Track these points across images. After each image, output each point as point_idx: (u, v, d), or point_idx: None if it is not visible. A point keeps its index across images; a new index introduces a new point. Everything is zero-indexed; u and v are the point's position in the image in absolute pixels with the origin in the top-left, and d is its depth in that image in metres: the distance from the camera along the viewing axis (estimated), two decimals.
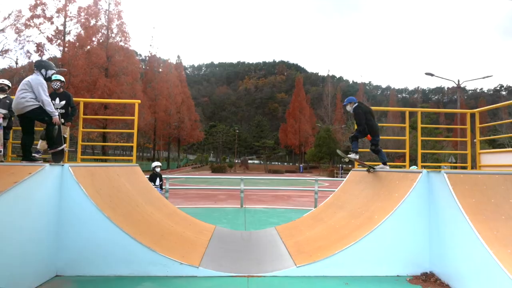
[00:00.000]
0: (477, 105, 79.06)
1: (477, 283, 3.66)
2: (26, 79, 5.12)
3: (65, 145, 6.02)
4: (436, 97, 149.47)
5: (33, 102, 4.98)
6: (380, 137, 6.50)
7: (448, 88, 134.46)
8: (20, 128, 5.24)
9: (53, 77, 6.17)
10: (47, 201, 4.27)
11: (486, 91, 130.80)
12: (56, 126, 5.28)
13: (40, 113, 5.06)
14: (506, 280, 3.20)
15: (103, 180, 5.31)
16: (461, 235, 3.97)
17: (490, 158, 7.17)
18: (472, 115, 7.79)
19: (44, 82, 5.14)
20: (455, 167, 21.30)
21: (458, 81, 27.32)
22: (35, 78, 5.07)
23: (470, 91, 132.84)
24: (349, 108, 6.59)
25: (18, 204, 3.75)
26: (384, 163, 6.46)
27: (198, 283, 4.24)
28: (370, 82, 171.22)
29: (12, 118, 6.31)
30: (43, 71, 5.20)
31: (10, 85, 6.23)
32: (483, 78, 26.75)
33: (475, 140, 7.64)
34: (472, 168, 8.32)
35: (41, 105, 5.02)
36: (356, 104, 6.50)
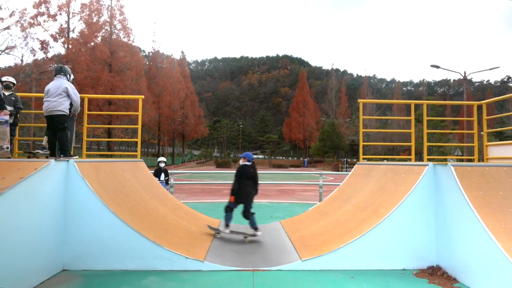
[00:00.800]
0: (484, 97, 78.32)
1: (485, 276, 3.63)
2: (62, 84, 5.41)
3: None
4: (442, 90, 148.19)
5: (65, 108, 5.35)
6: (385, 130, 6.32)
7: (454, 80, 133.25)
8: (27, 125, 5.35)
9: None
10: (53, 196, 4.29)
11: (493, 83, 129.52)
12: (68, 132, 5.54)
13: (65, 120, 5.37)
14: None
15: (108, 175, 5.32)
16: (468, 228, 3.93)
17: (497, 151, 7.08)
18: (479, 107, 7.68)
19: None
20: (462, 160, 21.16)
21: (465, 73, 27.02)
22: (71, 85, 5.53)
23: (477, 83, 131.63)
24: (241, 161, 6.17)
25: (24, 199, 3.77)
26: (256, 229, 5.92)
27: (203, 277, 4.25)
28: (374, 75, 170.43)
29: (18, 115, 6.33)
30: (68, 76, 5.64)
31: (15, 82, 6.26)
32: (490, 69, 26.42)
33: (482, 133, 7.55)
34: (479, 160, 8.23)
35: (74, 109, 5.55)
36: (242, 164, 6.10)
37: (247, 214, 5.97)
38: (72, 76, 5.78)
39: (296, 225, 6.49)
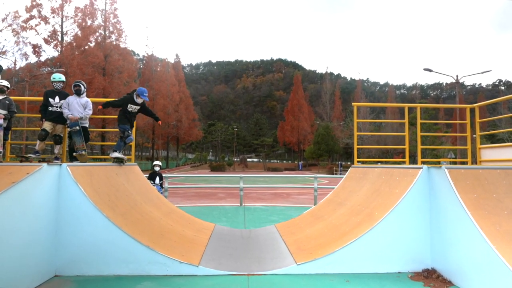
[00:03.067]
0: (476, 100, 79.22)
1: (480, 279, 3.64)
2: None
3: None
4: (434, 93, 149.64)
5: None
6: (380, 133, 6.41)
7: (446, 83, 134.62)
8: (20, 129, 5.37)
9: (58, 78, 6.40)
10: (45, 200, 4.23)
11: (484, 86, 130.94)
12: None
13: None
14: (509, 276, 3.17)
15: (102, 179, 5.26)
16: (463, 231, 3.94)
17: (490, 153, 7.14)
18: (472, 110, 7.76)
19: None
20: (455, 163, 21.31)
21: (457, 76, 27.33)
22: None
23: (469, 87, 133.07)
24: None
25: (16, 204, 3.72)
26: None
27: (198, 282, 4.21)
28: (368, 78, 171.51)
29: (12, 118, 6.26)
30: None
31: (9, 86, 6.20)
32: (482, 73, 26.76)
33: (474, 136, 7.61)
34: (472, 163, 8.29)
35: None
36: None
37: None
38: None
39: (291, 228, 6.47)
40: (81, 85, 6.43)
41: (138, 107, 6.49)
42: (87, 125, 6.58)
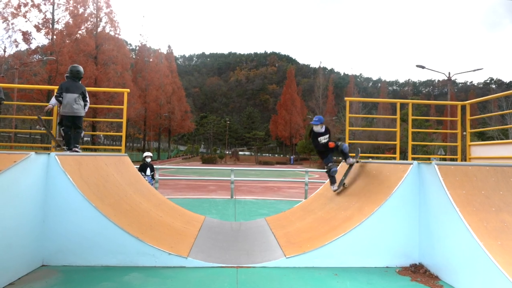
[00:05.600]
0: (467, 98, 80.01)
1: (467, 275, 3.69)
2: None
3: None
4: (426, 90, 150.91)
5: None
6: (371, 128, 6.50)
7: (438, 80, 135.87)
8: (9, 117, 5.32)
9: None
10: (32, 190, 4.16)
11: (476, 84, 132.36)
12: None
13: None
14: (496, 272, 3.21)
15: (91, 169, 5.19)
16: (451, 226, 3.99)
17: (480, 150, 7.22)
18: (463, 108, 7.82)
19: None
20: (445, 159, 21.57)
21: (449, 73, 27.50)
22: None
23: (461, 84, 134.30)
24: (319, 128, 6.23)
25: (2, 192, 3.64)
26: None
27: (186, 273, 4.20)
28: (361, 74, 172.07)
29: (0, 105, 6.15)
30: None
31: None
32: (474, 71, 26.99)
33: (465, 133, 7.68)
34: (462, 160, 8.39)
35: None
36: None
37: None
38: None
39: (281, 222, 6.49)
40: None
41: (327, 134, 6.29)
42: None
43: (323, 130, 6.26)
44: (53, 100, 6.34)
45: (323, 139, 6.23)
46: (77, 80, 6.24)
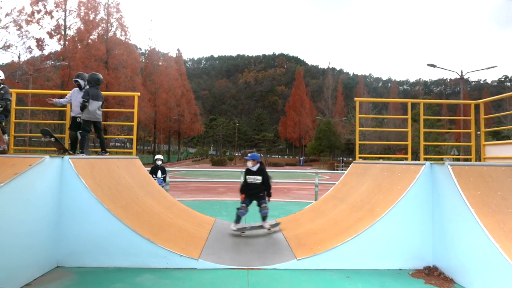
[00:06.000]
0: (480, 96, 78.68)
1: (483, 277, 3.61)
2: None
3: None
4: (438, 89, 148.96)
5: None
6: (382, 129, 6.35)
7: (450, 79, 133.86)
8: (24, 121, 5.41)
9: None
10: (47, 192, 4.23)
11: (490, 82, 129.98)
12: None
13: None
14: None
15: (103, 172, 5.26)
16: (466, 228, 3.91)
17: (494, 150, 7.08)
18: (476, 106, 7.68)
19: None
20: (458, 160, 21.22)
21: (461, 72, 27.03)
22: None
23: (474, 83, 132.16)
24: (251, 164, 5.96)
25: (18, 195, 3.72)
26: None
27: (197, 275, 4.21)
28: (370, 74, 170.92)
29: (7, 106, 6.27)
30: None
31: (3, 76, 6.23)
32: (487, 68, 26.43)
33: (479, 132, 7.54)
34: (476, 160, 8.24)
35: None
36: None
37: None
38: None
39: (291, 224, 6.46)
40: (79, 80, 6.47)
41: (259, 176, 6.03)
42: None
43: (254, 169, 5.98)
44: (63, 100, 6.59)
45: (252, 179, 5.98)
46: (98, 88, 6.46)
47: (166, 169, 10.45)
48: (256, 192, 6.03)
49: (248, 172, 6.08)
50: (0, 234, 3.44)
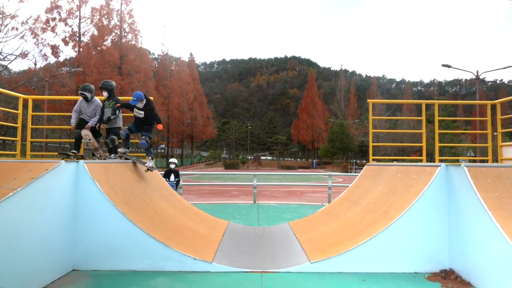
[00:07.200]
0: (497, 96, 76.83)
1: (501, 280, 3.52)
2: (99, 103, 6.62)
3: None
4: (453, 90, 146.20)
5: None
6: (396, 130, 6.26)
7: (466, 80, 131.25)
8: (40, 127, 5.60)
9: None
10: (63, 197, 4.31)
11: (506, 82, 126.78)
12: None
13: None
14: None
15: (117, 176, 5.34)
16: (483, 231, 3.83)
17: None
18: (493, 107, 7.53)
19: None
20: (474, 161, 20.77)
21: (477, 72, 26.51)
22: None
23: (490, 83, 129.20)
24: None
25: (35, 199, 3.80)
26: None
27: (211, 278, 4.22)
28: (384, 75, 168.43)
29: None
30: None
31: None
32: (504, 68, 25.84)
33: (496, 133, 7.38)
34: (493, 161, 8.05)
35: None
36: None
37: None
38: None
39: (305, 226, 6.43)
40: (85, 92, 6.45)
41: (142, 112, 6.38)
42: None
43: (141, 106, 6.30)
44: (75, 118, 6.65)
45: (136, 113, 6.37)
46: None
47: (179, 172, 10.55)
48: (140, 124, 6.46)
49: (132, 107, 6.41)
50: (18, 238, 3.52)
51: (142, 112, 6.36)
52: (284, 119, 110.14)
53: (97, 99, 6.69)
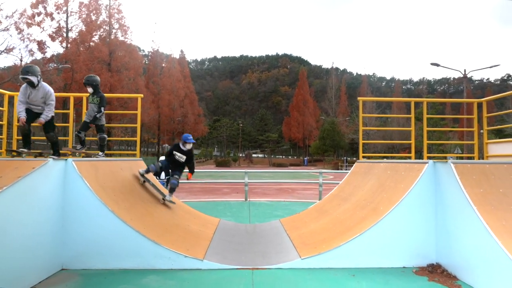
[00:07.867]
0: (483, 95, 78.10)
1: (486, 274, 3.62)
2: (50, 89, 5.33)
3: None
4: (441, 88, 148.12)
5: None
6: (385, 128, 6.36)
7: (454, 78, 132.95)
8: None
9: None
10: (51, 195, 4.27)
11: (493, 81, 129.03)
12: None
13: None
14: None
15: (107, 174, 5.30)
16: (468, 225, 3.92)
17: (497, 148, 7.07)
18: (479, 105, 7.67)
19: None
20: (461, 158, 21.10)
21: (465, 71, 26.87)
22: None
23: (477, 81, 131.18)
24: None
25: (22, 198, 3.75)
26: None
27: (202, 275, 4.24)
28: (374, 74, 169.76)
29: None
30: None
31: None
32: (490, 67, 26.20)
33: (482, 131, 7.52)
34: (479, 158, 8.21)
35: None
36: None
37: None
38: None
39: (295, 223, 6.47)
40: (28, 76, 5.01)
41: (184, 156, 6.31)
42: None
43: (185, 149, 6.33)
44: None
45: (178, 156, 6.32)
46: None
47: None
48: (176, 166, 6.44)
49: (179, 150, 6.37)
50: (4, 237, 3.47)
51: (184, 157, 6.29)
52: (275, 117, 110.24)
53: (45, 84, 5.28)
